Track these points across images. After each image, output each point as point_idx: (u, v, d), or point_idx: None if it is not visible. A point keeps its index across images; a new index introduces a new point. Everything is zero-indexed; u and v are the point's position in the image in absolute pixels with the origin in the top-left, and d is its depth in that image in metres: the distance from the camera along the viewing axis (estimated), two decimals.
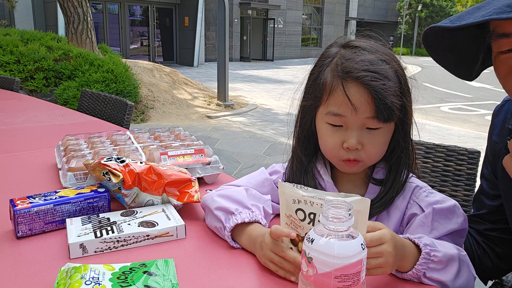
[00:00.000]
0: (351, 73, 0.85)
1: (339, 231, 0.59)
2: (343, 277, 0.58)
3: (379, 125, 0.87)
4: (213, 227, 0.95)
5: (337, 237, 0.59)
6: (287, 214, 0.77)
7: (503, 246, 1.05)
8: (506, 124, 0.99)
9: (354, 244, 0.58)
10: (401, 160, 0.94)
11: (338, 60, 0.89)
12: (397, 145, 0.94)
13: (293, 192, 0.74)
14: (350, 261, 0.57)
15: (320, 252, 0.58)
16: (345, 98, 0.84)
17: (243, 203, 0.92)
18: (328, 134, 0.91)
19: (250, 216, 0.89)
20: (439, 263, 0.77)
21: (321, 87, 0.90)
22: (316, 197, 0.71)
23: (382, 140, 0.90)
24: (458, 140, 6.33)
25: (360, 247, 0.59)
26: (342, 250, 0.58)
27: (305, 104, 0.97)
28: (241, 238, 0.89)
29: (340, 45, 0.93)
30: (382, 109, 0.84)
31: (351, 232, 0.60)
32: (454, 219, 0.89)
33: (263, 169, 1.08)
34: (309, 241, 0.60)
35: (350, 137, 0.87)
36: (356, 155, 0.89)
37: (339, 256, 0.57)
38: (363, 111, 0.85)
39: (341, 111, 0.86)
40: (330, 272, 0.58)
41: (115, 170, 1.01)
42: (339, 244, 0.58)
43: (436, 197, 0.92)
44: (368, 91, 0.83)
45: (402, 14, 32.40)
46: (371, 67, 0.85)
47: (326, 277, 0.58)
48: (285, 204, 0.77)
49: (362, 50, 0.88)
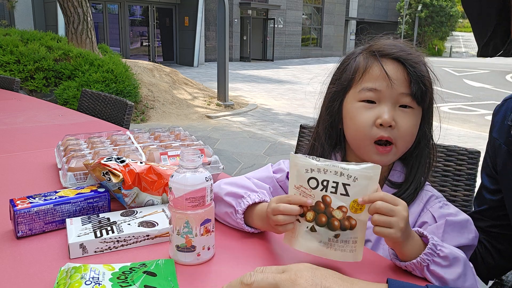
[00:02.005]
0: (385, 51, 0.91)
1: (189, 168, 0.79)
2: (191, 199, 0.78)
3: (412, 103, 0.90)
4: (223, 213, 0.95)
5: (189, 172, 0.79)
6: (296, 185, 0.78)
7: (505, 243, 1.05)
8: (506, 121, 1.01)
9: (200, 176, 0.79)
10: (422, 159, 0.95)
11: (369, 48, 0.94)
12: (423, 137, 0.96)
13: (306, 162, 0.77)
14: (196, 187, 0.78)
15: (177, 183, 0.78)
16: (382, 71, 0.89)
17: (250, 188, 0.95)
18: (361, 113, 0.92)
19: (260, 197, 0.91)
20: (444, 259, 0.76)
21: (354, 69, 0.93)
22: (330, 165, 0.75)
23: (414, 122, 0.92)
24: (458, 140, 6.33)
25: (205, 180, 0.79)
26: (191, 181, 0.78)
27: (333, 90, 0.98)
28: (253, 220, 0.90)
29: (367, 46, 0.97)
30: (417, 83, 0.88)
31: (199, 170, 0.79)
32: (466, 234, 0.88)
33: (269, 166, 1.09)
34: (171, 177, 0.80)
35: (384, 112, 0.89)
36: (390, 133, 0.89)
37: (187, 184, 0.77)
38: (399, 85, 0.88)
39: (376, 85, 0.89)
40: (182, 196, 0.78)
41: (115, 170, 1.01)
42: (190, 176, 0.78)
43: (450, 210, 0.92)
44: (404, 66, 0.89)
45: (402, 14, 32.41)
46: (405, 48, 0.91)
47: (180, 199, 0.78)
48: (296, 175, 0.78)
49: (389, 40, 0.95)
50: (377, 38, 0.97)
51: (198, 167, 0.80)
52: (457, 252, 0.79)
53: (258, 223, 0.90)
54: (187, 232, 0.80)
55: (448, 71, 17.27)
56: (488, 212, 1.08)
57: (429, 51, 32.01)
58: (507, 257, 1.06)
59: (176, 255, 0.82)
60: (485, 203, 1.09)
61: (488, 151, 1.08)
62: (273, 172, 1.06)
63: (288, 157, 0.82)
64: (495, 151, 1.04)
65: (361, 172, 0.73)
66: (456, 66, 19.31)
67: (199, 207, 0.79)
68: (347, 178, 0.73)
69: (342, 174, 0.74)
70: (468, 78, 15.44)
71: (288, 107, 9.08)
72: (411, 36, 33.38)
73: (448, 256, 0.76)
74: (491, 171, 1.07)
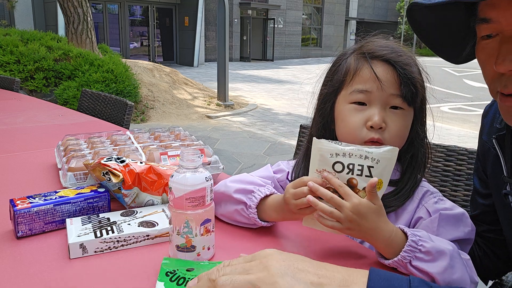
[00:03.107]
0: (376, 53, 0.90)
1: (189, 168, 0.78)
2: (191, 199, 0.78)
3: (402, 105, 0.89)
4: (232, 211, 0.95)
5: (189, 172, 0.79)
6: (318, 169, 0.81)
7: (502, 247, 1.04)
8: (495, 123, 0.98)
9: (200, 176, 0.79)
10: (418, 158, 0.95)
11: (360, 48, 0.94)
12: (416, 136, 0.95)
13: (331, 147, 0.80)
14: (196, 188, 0.78)
15: (177, 183, 0.78)
16: (372, 74, 0.88)
17: (257, 183, 0.96)
18: (351, 115, 0.92)
19: (270, 189, 0.92)
20: (426, 254, 0.76)
21: (345, 71, 0.93)
22: (355, 149, 0.79)
23: (404, 123, 0.92)
24: (458, 140, 6.33)
25: (205, 180, 0.79)
26: (191, 181, 0.78)
27: (325, 91, 0.98)
28: (267, 212, 0.91)
29: (358, 46, 0.96)
30: (407, 85, 0.87)
31: (199, 170, 0.79)
32: (461, 228, 0.89)
33: (269, 166, 1.09)
34: (171, 177, 0.80)
35: (374, 114, 0.89)
36: (380, 135, 0.89)
37: (187, 184, 0.78)
38: (389, 87, 0.88)
39: (367, 86, 0.89)
40: (182, 196, 0.78)
41: (115, 170, 1.01)
42: (190, 176, 0.78)
43: (445, 205, 0.92)
44: (394, 68, 0.88)
45: (402, 14, 32.39)
46: (396, 49, 0.91)
47: (180, 199, 0.79)
48: (319, 159, 0.81)
49: (380, 41, 0.94)
50: (369, 37, 0.97)
51: (198, 167, 0.80)
52: (443, 246, 0.79)
53: (273, 214, 0.90)
54: (187, 232, 0.80)
55: (448, 71, 17.26)
56: (482, 217, 1.06)
57: (428, 51, 31.92)
58: (505, 261, 1.05)
59: (176, 255, 0.82)
60: (478, 207, 1.08)
61: (478, 154, 1.07)
62: (273, 173, 1.07)
63: (287, 157, 0.83)
64: (484, 154, 1.02)
65: (382, 154, 0.79)
66: (456, 66, 19.30)
67: (199, 207, 0.79)
68: (371, 160, 0.79)
69: (366, 157, 0.79)
70: (468, 78, 15.44)
71: (288, 107, 9.09)
72: (411, 36, 33.38)
73: (431, 251, 0.76)
74: (482, 175, 1.05)
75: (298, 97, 10.30)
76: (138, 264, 0.82)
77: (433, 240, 0.79)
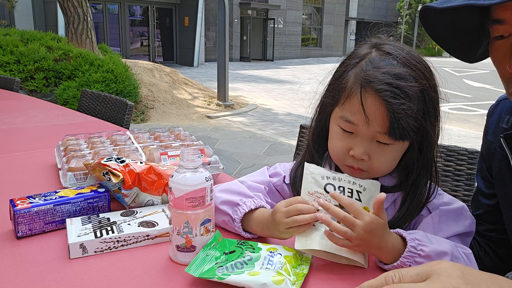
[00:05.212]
0: (372, 83, 0.81)
1: (189, 168, 0.79)
2: (191, 199, 0.79)
3: (390, 141, 0.84)
4: (220, 221, 0.95)
5: (189, 172, 0.79)
6: (310, 192, 0.85)
7: (504, 247, 1.04)
8: (500, 123, 0.98)
9: (200, 176, 0.79)
10: (418, 187, 0.90)
11: (364, 64, 0.85)
12: (412, 166, 0.89)
13: (322, 170, 0.87)
14: (196, 188, 0.78)
15: (177, 183, 0.79)
16: (360, 107, 0.82)
17: (245, 193, 0.94)
18: (337, 138, 0.90)
19: (256, 203, 0.91)
20: (426, 258, 0.76)
21: (342, 88, 0.87)
22: (344, 175, 0.86)
23: (391, 156, 0.87)
24: (458, 140, 6.33)
25: (205, 180, 0.80)
26: (191, 181, 0.78)
27: (324, 101, 0.95)
28: (251, 226, 0.90)
29: (373, 45, 0.88)
30: (395, 128, 0.80)
31: (199, 170, 0.80)
32: (461, 222, 0.88)
33: (265, 169, 1.08)
34: (171, 177, 0.80)
35: (358, 146, 0.85)
36: (361, 165, 0.87)
37: (187, 184, 0.78)
38: (376, 125, 0.82)
39: (354, 119, 0.84)
40: (182, 196, 0.79)
41: (115, 170, 1.01)
42: (190, 176, 0.79)
43: (444, 199, 0.91)
44: (385, 107, 0.80)
45: (402, 14, 32.41)
46: (395, 82, 0.79)
47: (180, 199, 0.79)
48: (311, 182, 0.85)
49: (392, 59, 0.83)
50: (383, 38, 0.91)
51: (198, 167, 0.80)
52: (443, 246, 0.78)
53: (257, 229, 0.89)
54: (187, 232, 0.80)
55: (448, 71, 17.26)
56: (485, 216, 1.07)
57: (429, 51, 31.97)
58: (506, 260, 1.05)
59: (176, 255, 0.82)
60: (481, 207, 1.08)
61: (483, 154, 1.06)
62: (269, 176, 1.05)
63: (287, 157, 0.84)
64: (490, 155, 1.02)
65: (367, 185, 0.85)
66: (456, 66, 19.30)
67: (199, 207, 0.80)
68: (359, 187, 0.84)
69: (354, 183, 0.85)
70: (468, 78, 15.43)
71: (288, 107, 9.08)
72: (411, 36, 33.38)
73: (430, 255, 0.76)
74: (486, 175, 1.05)
75: (298, 97, 10.30)
76: (138, 264, 0.82)
77: (432, 241, 0.79)
